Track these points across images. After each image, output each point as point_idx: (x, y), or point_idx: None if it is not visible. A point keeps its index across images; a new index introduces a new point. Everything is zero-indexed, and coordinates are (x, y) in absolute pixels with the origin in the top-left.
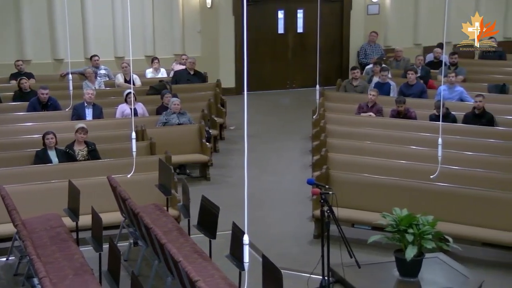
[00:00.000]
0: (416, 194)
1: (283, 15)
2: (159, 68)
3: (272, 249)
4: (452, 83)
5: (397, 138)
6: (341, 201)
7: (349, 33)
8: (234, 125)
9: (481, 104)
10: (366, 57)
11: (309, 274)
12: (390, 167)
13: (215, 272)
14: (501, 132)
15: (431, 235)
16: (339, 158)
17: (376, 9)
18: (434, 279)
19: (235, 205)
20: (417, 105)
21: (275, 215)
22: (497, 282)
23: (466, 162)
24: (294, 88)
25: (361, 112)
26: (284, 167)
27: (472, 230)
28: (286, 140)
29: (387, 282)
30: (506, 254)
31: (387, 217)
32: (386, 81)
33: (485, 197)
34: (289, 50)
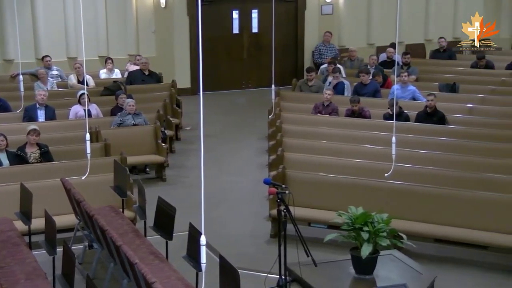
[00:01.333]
0: (371, 192)
1: (238, 15)
2: (113, 69)
3: (229, 249)
4: (405, 82)
5: (352, 137)
6: (297, 200)
7: (304, 33)
8: (190, 126)
9: (433, 103)
10: (321, 57)
11: (266, 273)
12: (346, 166)
13: (172, 273)
14: (452, 130)
15: (385, 232)
16: (295, 157)
17: (330, 9)
18: (389, 276)
19: (192, 206)
20: (371, 104)
21: (232, 215)
22: (450, 278)
23: (419, 160)
24: (250, 88)
25: (317, 111)
26: (240, 167)
27: (425, 227)
28: (243, 140)
29: (343, 279)
30: (458, 249)
31: (342, 215)
32: (339, 80)
33: (437, 194)
34: (244, 50)
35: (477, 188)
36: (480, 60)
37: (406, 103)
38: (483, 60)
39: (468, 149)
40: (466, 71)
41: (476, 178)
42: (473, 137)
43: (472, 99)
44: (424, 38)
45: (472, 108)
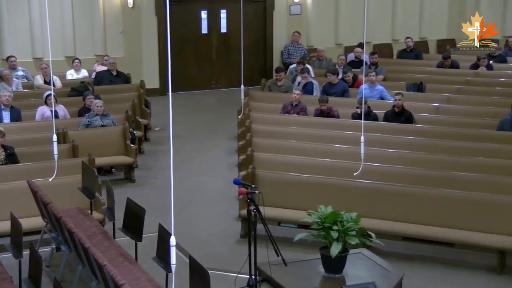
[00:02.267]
0: (340, 191)
1: (206, 15)
2: (80, 69)
3: (199, 250)
4: (373, 82)
5: (321, 136)
6: (267, 200)
7: (272, 33)
8: (159, 126)
9: (400, 102)
10: (290, 56)
11: (236, 273)
12: (315, 165)
13: (141, 275)
14: (419, 129)
15: (355, 231)
16: (265, 157)
17: (298, 9)
18: (358, 274)
19: (161, 207)
20: (340, 103)
21: (202, 215)
22: (417, 275)
23: (387, 159)
24: (219, 88)
25: (286, 111)
26: (210, 167)
27: (393, 225)
28: (212, 140)
29: (312, 278)
30: (426, 247)
31: (312, 215)
32: (308, 80)
33: (405, 193)
34: (213, 50)
35: (444, 186)
36: (445, 60)
37: (374, 102)
38: (448, 60)
39: (435, 147)
40: (432, 70)
41: (443, 176)
42: (439, 136)
43: (438, 98)
44: (391, 38)
45: (438, 107)
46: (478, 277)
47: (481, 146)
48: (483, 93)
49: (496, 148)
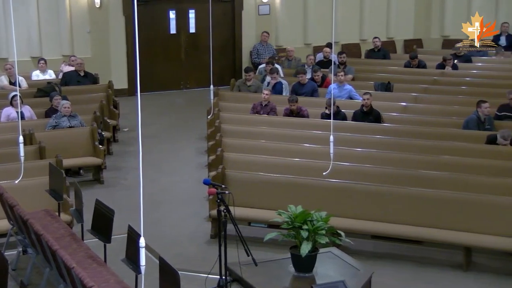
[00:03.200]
0: (310, 190)
1: (174, 15)
2: (46, 70)
3: (169, 251)
4: (342, 81)
5: (290, 136)
6: (237, 200)
7: (241, 33)
8: (128, 127)
9: (369, 102)
10: (259, 56)
11: (207, 274)
12: (285, 165)
13: (111, 276)
14: (388, 128)
15: (324, 230)
16: (235, 157)
17: (267, 9)
18: (328, 273)
19: (131, 208)
20: (309, 103)
21: (171, 216)
22: (386, 273)
23: (356, 158)
24: (189, 88)
25: (255, 111)
26: (180, 167)
27: (362, 224)
28: (182, 141)
29: (283, 278)
30: (394, 245)
31: (282, 214)
32: (277, 80)
33: (374, 191)
34: (182, 50)
35: (411, 185)
36: (413, 60)
37: (343, 102)
38: (415, 59)
39: (403, 146)
40: (400, 70)
41: (411, 175)
42: (407, 135)
43: (406, 97)
44: (359, 38)
45: (406, 106)
46: (445, 274)
47: (448, 144)
48: (449, 92)
49: (462, 146)
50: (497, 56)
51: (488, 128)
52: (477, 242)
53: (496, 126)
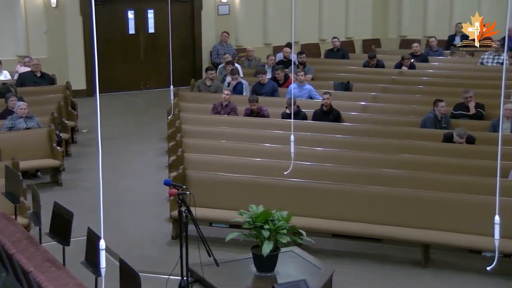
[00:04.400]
0: (271, 190)
1: (133, 15)
2: (1, 70)
3: (130, 253)
4: (302, 81)
5: (251, 136)
6: (198, 201)
7: (201, 33)
8: (87, 128)
9: (329, 101)
10: (219, 57)
11: (168, 275)
12: (245, 165)
13: (70, 280)
14: (347, 127)
15: (286, 230)
16: (195, 158)
17: (227, 9)
18: (289, 272)
19: (90, 210)
20: (270, 103)
21: (132, 217)
22: (347, 271)
23: (317, 157)
24: (148, 89)
25: (216, 111)
26: (140, 168)
27: (323, 222)
28: (142, 142)
29: (244, 278)
30: (355, 243)
31: (244, 214)
32: (237, 81)
33: (334, 190)
34: (141, 50)
35: (371, 183)
36: (371, 60)
37: (303, 101)
38: (374, 59)
39: (363, 145)
40: (359, 70)
41: (370, 173)
42: (366, 134)
43: (365, 97)
44: (318, 38)
45: (365, 106)
46: (404, 271)
47: (406, 143)
48: (407, 91)
49: (419, 145)
50: (452, 56)
51: (445, 127)
52: (435, 239)
53: (453, 125)
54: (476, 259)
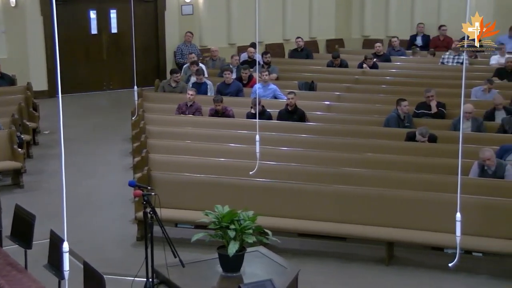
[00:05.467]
0: (236, 190)
1: (95, 15)
2: None
3: (94, 255)
4: (266, 81)
5: (216, 136)
6: (164, 202)
7: (165, 33)
8: (49, 129)
9: (293, 101)
10: (183, 57)
11: (133, 277)
12: (211, 165)
13: (32, 283)
14: (312, 127)
15: (251, 229)
16: (160, 158)
17: (190, 9)
18: (255, 272)
19: (53, 212)
20: (234, 103)
21: (96, 220)
22: (312, 270)
23: (282, 157)
24: (112, 89)
25: (181, 112)
26: (104, 170)
27: (289, 222)
28: (106, 143)
29: (210, 278)
30: (320, 242)
31: (209, 214)
32: (202, 81)
33: (300, 190)
34: (104, 50)
35: (336, 182)
36: (335, 59)
37: (268, 101)
38: (338, 59)
39: (327, 145)
40: (323, 69)
41: (335, 172)
42: (331, 133)
43: (329, 96)
44: (282, 38)
45: (329, 105)
46: (368, 269)
47: (370, 142)
48: (371, 91)
49: (383, 144)
50: (414, 56)
51: (408, 126)
52: (399, 237)
53: (415, 124)
54: (439, 256)
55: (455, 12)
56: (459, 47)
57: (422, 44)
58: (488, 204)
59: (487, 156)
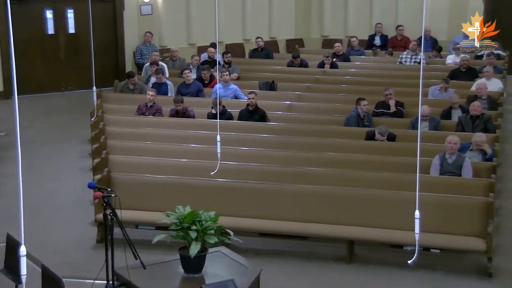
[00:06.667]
0: (198, 191)
1: (52, 15)
2: None
3: (53, 258)
4: (227, 81)
5: (177, 137)
6: (124, 203)
7: (123, 34)
8: (5, 131)
9: (254, 101)
10: (142, 57)
11: (93, 280)
12: (172, 166)
13: None
14: (273, 127)
15: (213, 230)
16: (120, 159)
17: (149, 9)
18: (217, 273)
19: (11, 216)
20: (195, 103)
21: (55, 222)
22: (274, 269)
23: (243, 157)
24: (70, 90)
25: (141, 112)
26: (63, 172)
27: (250, 222)
28: (64, 144)
29: (172, 280)
30: (281, 242)
31: (170, 215)
32: (162, 81)
33: (261, 189)
34: (61, 51)
35: (297, 181)
36: (295, 59)
37: (228, 101)
38: (298, 59)
39: (288, 144)
40: (283, 69)
41: (296, 172)
42: (292, 133)
43: (289, 96)
44: (242, 38)
45: (290, 105)
46: (329, 267)
47: (330, 141)
48: (331, 90)
49: (343, 143)
50: (373, 56)
51: (367, 125)
52: (359, 235)
53: (374, 123)
54: (398, 253)
55: (412, 13)
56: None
57: (380, 44)
58: (446, 201)
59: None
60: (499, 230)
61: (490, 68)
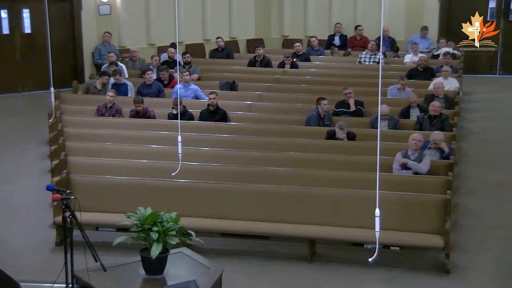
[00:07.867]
0: (159, 192)
1: (6, 14)
2: None
3: (11, 262)
4: (187, 81)
5: (137, 137)
6: (84, 205)
7: (81, 34)
8: None
9: (215, 101)
10: (101, 57)
11: (52, 283)
12: (133, 167)
13: None
14: (234, 127)
15: (175, 231)
16: (80, 161)
17: (108, 9)
18: (179, 274)
19: None
20: (155, 104)
21: (12, 225)
22: (236, 269)
23: (204, 157)
24: (27, 91)
25: (100, 113)
26: (20, 174)
27: (212, 222)
28: (21, 146)
29: (133, 281)
30: (243, 242)
31: (131, 217)
32: (121, 82)
33: (222, 189)
34: (17, 51)
35: (258, 181)
36: (258, 55)
37: (189, 102)
38: (260, 49)
39: (249, 144)
40: (244, 69)
41: (257, 172)
42: (252, 132)
43: (250, 96)
44: (202, 38)
45: (251, 105)
46: (291, 266)
47: (291, 141)
48: (291, 90)
49: (304, 142)
50: (332, 55)
51: (328, 124)
52: (320, 234)
53: (335, 122)
54: (359, 252)
55: (370, 13)
56: (375, 46)
57: (340, 44)
58: (405, 199)
59: (437, 140)
60: (455, 227)
61: (448, 67)
